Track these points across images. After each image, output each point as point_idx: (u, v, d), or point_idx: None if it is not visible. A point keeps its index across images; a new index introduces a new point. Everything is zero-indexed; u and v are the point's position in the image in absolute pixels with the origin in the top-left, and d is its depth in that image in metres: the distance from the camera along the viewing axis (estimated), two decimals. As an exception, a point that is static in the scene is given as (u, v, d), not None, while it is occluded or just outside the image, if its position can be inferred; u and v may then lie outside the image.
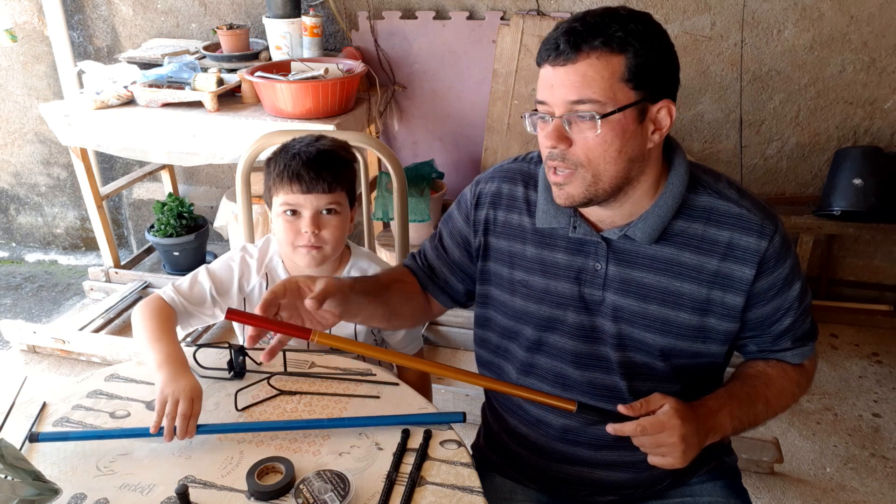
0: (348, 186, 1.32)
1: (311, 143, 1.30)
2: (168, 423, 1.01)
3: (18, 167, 3.42)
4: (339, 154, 1.30)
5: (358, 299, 1.03)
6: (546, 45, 0.91)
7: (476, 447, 1.29)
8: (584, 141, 0.91)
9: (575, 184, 0.94)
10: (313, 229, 1.26)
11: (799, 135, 2.67)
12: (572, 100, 0.89)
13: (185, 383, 1.05)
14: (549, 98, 0.92)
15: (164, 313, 1.23)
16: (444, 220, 1.22)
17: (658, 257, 1.00)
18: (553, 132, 0.92)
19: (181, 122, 2.35)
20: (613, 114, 0.89)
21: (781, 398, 1.06)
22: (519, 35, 2.66)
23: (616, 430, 0.94)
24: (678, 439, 0.91)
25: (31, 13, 3.06)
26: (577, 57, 0.88)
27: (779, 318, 1.03)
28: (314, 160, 1.26)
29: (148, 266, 3.26)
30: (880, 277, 2.79)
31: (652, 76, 0.90)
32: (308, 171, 1.25)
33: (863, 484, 1.97)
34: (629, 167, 0.94)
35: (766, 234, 0.97)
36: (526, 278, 1.07)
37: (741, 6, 2.49)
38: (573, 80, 0.89)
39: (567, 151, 0.92)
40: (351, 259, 1.39)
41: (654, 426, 0.92)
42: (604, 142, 0.90)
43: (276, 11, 2.57)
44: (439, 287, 1.20)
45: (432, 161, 2.77)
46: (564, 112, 0.91)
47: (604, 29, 0.88)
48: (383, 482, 0.95)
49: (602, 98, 0.89)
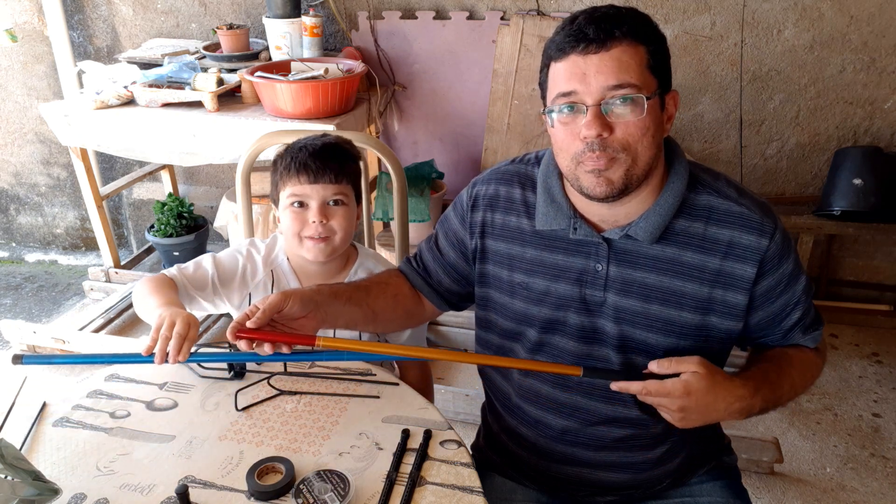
0: (354, 181, 1.34)
1: (317, 138, 1.33)
2: (162, 343, 0.99)
3: (18, 167, 3.42)
4: (345, 148, 1.33)
5: (332, 304, 1.03)
6: (568, 35, 0.91)
7: (476, 447, 1.29)
8: (626, 126, 0.91)
9: (615, 169, 0.93)
10: (321, 219, 1.27)
11: (799, 135, 2.67)
12: (612, 84, 0.89)
13: (183, 311, 1.07)
14: (581, 87, 0.91)
15: (165, 282, 1.25)
16: (440, 222, 1.22)
17: (660, 257, 1.00)
18: (595, 120, 0.90)
19: (181, 122, 2.35)
20: (651, 98, 0.91)
21: (804, 378, 1.07)
22: (519, 35, 2.66)
23: (621, 387, 0.96)
24: (676, 409, 0.93)
25: (31, 13, 3.06)
26: (611, 43, 0.89)
27: (788, 314, 1.04)
28: (321, 151, 1.28)
29: (148, 266, 3.26)
30: (880, 277, 2.79)
31: (665, 68, 0.94)
32: (315, 161, 1.27)
33: (863, 484, 1.97)
34: (658, 154, 0.96)
35: (766, 231, 0.97)
36: (526, 280, 1.07)
37: (741, 6, 2.49)
38: (610, 66, 0.89)
39: (608, 139, 0.91)
40: (358, 259, 1.39)
41: (659, 391, 0.93)
42: (644, 126, 0.91)
43: (276, 11, 2.57)
44: (433, 289, 1.20)
45: (432, 161, 2.77)
46: (601, 99, 0.90)
47: (626, 19, 0.90)
48: (383, 482, 0.95)
49: (639, 82, 0.90)
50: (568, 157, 0.95)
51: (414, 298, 1.21)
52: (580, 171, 0.95)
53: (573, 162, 0.95)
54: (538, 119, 2.73)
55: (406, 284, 1.21)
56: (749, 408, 0.97)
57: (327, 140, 1.32)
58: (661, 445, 1.10)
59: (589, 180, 0.94)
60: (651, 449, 1.10)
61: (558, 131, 0.95)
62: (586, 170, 0.94)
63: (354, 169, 1.34)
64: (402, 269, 1.25)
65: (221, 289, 1.33)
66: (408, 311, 1.20)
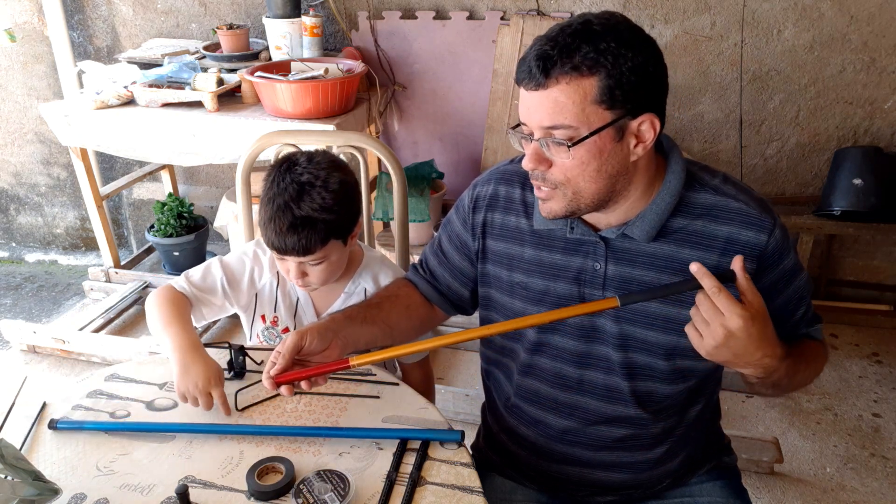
0: (337, 234, 1.23)
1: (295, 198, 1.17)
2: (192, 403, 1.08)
3: (18, 167, 3.42)
4: (324, 217, 1.18)
5: (349, 328, 1.07)
6: (520, 68, 0.91)
7: (476, 447, 1.29)
8: (562, 163, 0.92)
9: (556, 200, 0.96)
10: (297, 280, 1.25)
11: (799, 135, 2.67)
12: (545, 126, 0.90)
13: (196, 372, 1.08)
14: (526, 120, 0.93)
15: (176, 301, 1.24)
16: (443, 225, 1.22)
17: (657, 255, 1.00)
18: (532, 155, 0.93)
19: (181, 122, 2.35)
20: (586, 139, 0.88)
21: (816, 365, 1.07)
22: (519, 35, 2.66)
23: (699, 272, 0.85)
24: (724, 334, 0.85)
25: (31, 13, 3.06)
26: (548, 83, 0.88)
27: (793, 309, 1.04)
28: (290, 229, 1.17)
29: (148, 266, 3.26)
30: (880, 277, 2.79)
31: (629, 93, 0.87)
32: (283, 241, 1.18)
33: (863, 484, 1.97)
34: (611, 183, 0.94)
35: (765, 227, 0.97)
36: (525, 280, 1.07)
37: (741, 6, 2.49)
38: (546, 106, 0.89)
39: (547, 172, 0.94)
40: (363, 262, 1.36)
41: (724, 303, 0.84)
42: (581, 163, 0.91)
43: (276, 11, 2.57)
44: (442, 294, 1.21)
45: (432, 161, 2.77)
46: (541, 136, 0.91)
47: (574, 52, 0.86)
48: (383, 482, 0.95)
49: (575, 123, 0.88)
50: None
51: (426, 306, 1.23)
52: (536, 191, 0.99)
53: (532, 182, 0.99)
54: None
55: (416, 293, 1.23)
56: (774, 369, 0.92)
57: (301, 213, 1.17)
58: (660, 445, 1.10)
59: (538, 203, 1.00)
60: (651, 449, 1.10)
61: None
62: (536, 194, 0.98)
63: (339, 225, 1.22)
64: (409, 277, 1.26)
65: (231, 292, 1.33)
66: (422, 319, 1.22)
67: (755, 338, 0.86)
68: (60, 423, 1.06)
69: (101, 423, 1.07)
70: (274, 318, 1.36)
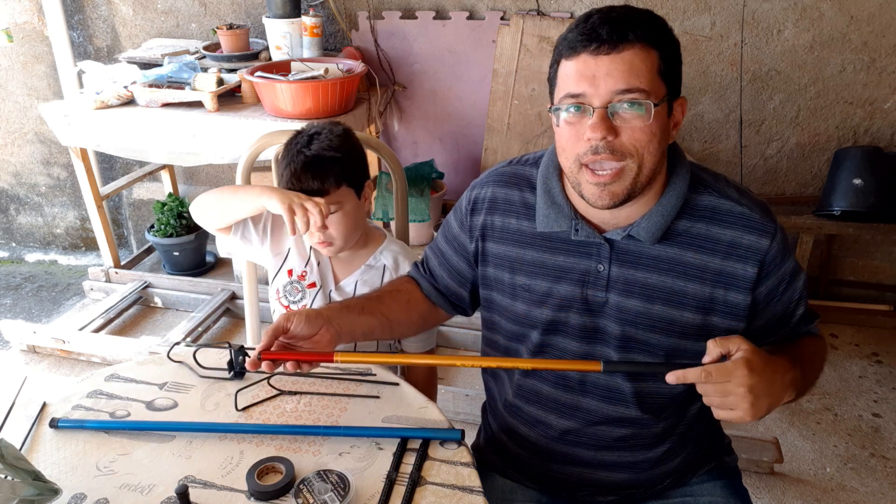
0: (349, 179, 1.30)
1: (306, 144, 1.28)
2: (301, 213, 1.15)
3: (18, 167, 3.42)
4: (332, 154, 1.28)
5: (345, 317, 1.07)
6: (583, 34, 0.89)
7: (476, 447, 1.29)
8: (632, 131, 0.90)
9: (620, 181, 0.92)
10: (318, 231, 1.29)
11: (799, 135, 2.67)
12: (621, 88, 0.88)
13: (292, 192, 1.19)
14: (589, 89, 0.89)
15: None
16: (442, 227, 1.22)
17: (662, 257, 1.00)
18: (600, 123, 0.89)
19: (181, 122, 2.35)
20: (658, 105, 0.90)
21: (821, 361, 1.07)
22: (519, 35, 2.66)
23: (679, 377, 0.87)
24: (745, 391, 0.83)
25: (31, 13, 3.06)
26: (623, 46, 0.87)
27: (792, 311, 1.05)
28: (304, 168, 1.26)
29: (148, 266, 3.26)
30: (880, 277, 2.79)
31: (676, 73, 0.93)
32: (298, 181, 1.26)
33: (863, 484, 1.97)
34: (663, 160, 0.96)
35: (767, 232, 0.97)
36: (528, 282, 1.07)
37: (741, 6, 2.49)
38: (620, 69, 0.88)
39: (613, 142, 0.90)
40: (384, 245, 1.41)
41: (721, 372, 0.85)
42: (650, 131, 0.90)
43: (276, 11, 2.57)
44: (441, 293, 1.22)
45: (432, 161, 2.77)
46: (609, 101, 0.89)
47: (641, 22, 0.89)
48: (383, 482, 0.95)
49: (648, 88, 0.89)
50: (571, 157, 0.94)
51: (427, 303, 1.23)
52: (582, 178, 0.94)
53: (576, 164, 0.94)
54: (538, 119, 2.73)
55: (417, 290, 1.23)
56: (794, 380, 0.91)
57: (313, 151, 1.27)
58: (661, 445, 1.10)
59: (591, 191, 0.94)
60: (651, 448, 1.10)
61: (563, 131, 0.94)
62: (589, 181, 0.93)
63: (348, 167, 1.31)
64: (411, 274, 1.27)
65: (272, 229, 1.39)
66: (422, 315, 1.23)
67: (767, 367, 0.86)
68: (61, 422, 1.06)
69: (102, 421, 1.07)
70: (302, 273, 1.40)
